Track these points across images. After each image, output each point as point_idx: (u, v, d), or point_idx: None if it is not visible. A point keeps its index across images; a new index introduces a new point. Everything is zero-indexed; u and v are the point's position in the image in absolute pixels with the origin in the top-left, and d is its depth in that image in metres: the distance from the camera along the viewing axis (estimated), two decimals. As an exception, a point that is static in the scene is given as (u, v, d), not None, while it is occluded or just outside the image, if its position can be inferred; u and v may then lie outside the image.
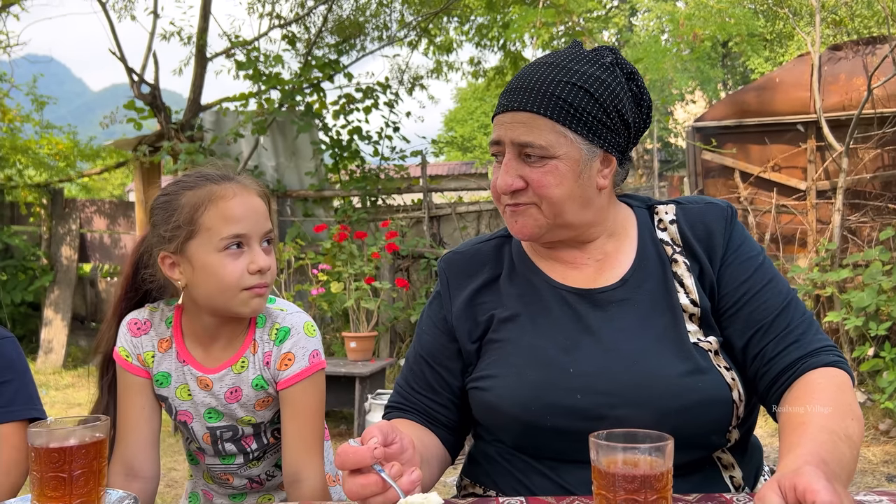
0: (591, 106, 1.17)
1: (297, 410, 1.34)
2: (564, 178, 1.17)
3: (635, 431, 0.86)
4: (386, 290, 6.34)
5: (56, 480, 0.99)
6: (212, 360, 1.38)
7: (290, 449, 1.34)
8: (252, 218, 1.29)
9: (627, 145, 1.26)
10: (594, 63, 1.21)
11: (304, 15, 9.14)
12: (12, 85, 9.02)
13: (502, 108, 1.22)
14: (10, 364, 1.41)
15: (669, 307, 1.20)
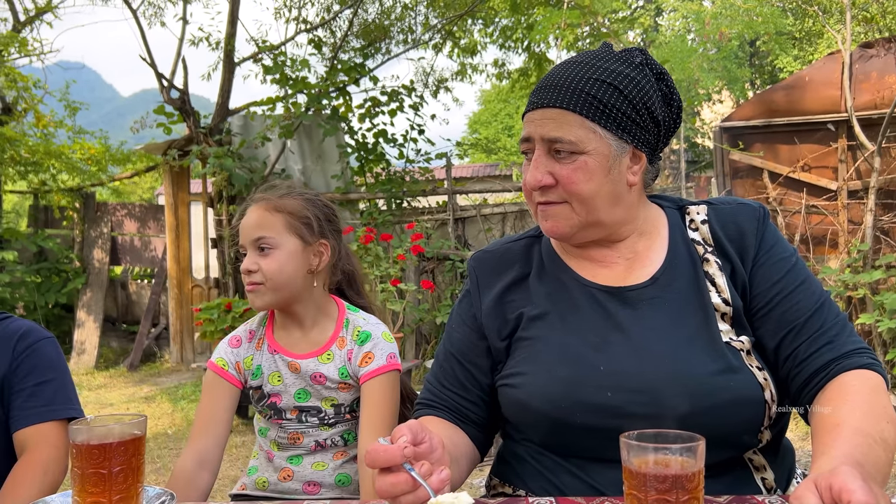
0: (621, 102, 1.18)
1: (373, 402, 1.53)
2: (594, 174, 1.18)
3: (666, 432, 0.86)
4: (411, 292, 6.36)
5: (96, 476, 1.01)
6: (301, 348, 1.61)
7: (364, 434, 1.52)
8: (246, 229, 1.57)
9: (657, 143, 1.26)
10: (624, 62, 1.22)
11: (331, 19, 9.22)
12: (46, 91, 9.22)
13: (532, 106, 1.23)
14: (50, 364, 1.44)
15: (701, 306, 1.19)
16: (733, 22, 8.94)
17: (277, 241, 1.55)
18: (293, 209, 1.58)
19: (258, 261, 1.54)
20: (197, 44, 8.25)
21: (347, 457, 1.63)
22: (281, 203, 1.58)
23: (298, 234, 1.57)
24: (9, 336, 1.43)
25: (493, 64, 11.62)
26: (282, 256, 1.55)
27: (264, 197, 1.60)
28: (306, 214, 1.59)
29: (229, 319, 5.46)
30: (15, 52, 8.90)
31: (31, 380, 1.40)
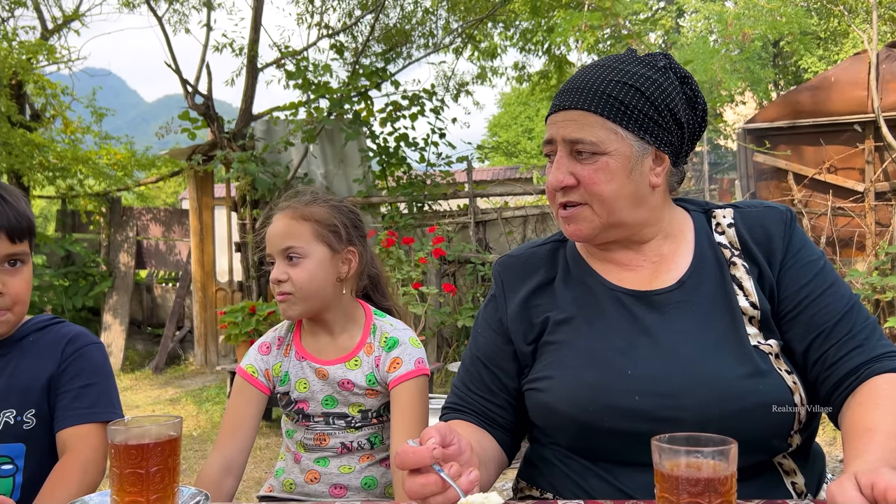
0: (642, 103, 1.19)
1: (402, 406, 1.53)
2: (615, 174, 1.19)
3: (698, 435, 0.86)
4: (433, 296, 6.37)
5: (134, 476, 1.03)
6: (328, 353, 1.61)
7: (395, 438, 1.52)
8: (274, 239, 1.56)
9: (682, 146, 1.26)
10: (647, 65, 1.23)
11: (352, 24, 9.28)
12: (73, 98, 9.38)
13: (554, 109, 1.24)
14: (96, 368, 1.47)
15: (728, 310, 1.19)
16: (756, 22, 8.86)
17: (306, 251, 1.54)
18: (320, 217, 1.56)
19: (287, 270, 1.53)
20: (221, 50, 8.35)
21: (374, 459, 1.63)
22: (308, 211, 1.56)
23: (327, 242, 1.56)
24: (59, 339, 1.47)
25: (513, 67, 11.61)
26: (311, 265, 1.54)
27: (290, 205, 1.58)
28: (334, 222, 1.58)
29: (253, 322, 5.51)
30: (43, 60, 9.05)
31: (76, 382, 1.43)
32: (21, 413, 1.40)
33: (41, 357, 1.44)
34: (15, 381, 1.41)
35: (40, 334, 1.48)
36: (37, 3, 9.93)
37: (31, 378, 1.42)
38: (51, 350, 1.45)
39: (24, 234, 1.37)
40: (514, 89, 21.73)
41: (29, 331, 1.48)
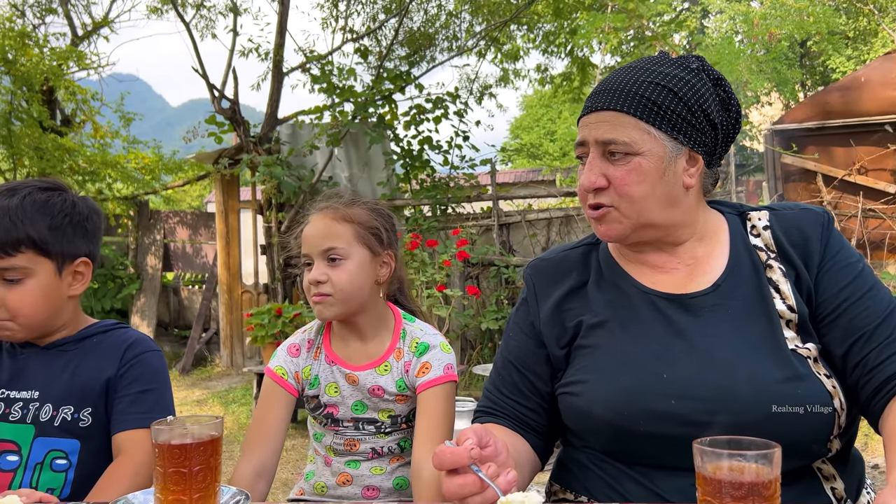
0: (675, 104, 1.19)
1: (428, 412, 1.50)
2: (647, 175, 1.18)
3: (740, 438, 0.86)
4: (457, 298, 6.38)
5: (177, 475, 1.05)
6: (357, 358, 1.59)
7: (418, 445, 1.48)
8: (313, 239, 1.53)
9: (715, 147, 1.26)
10: (679, 67, 1.23)
11: (376, 28, 9.33)
12: (102, 103, 9.54)
13: (586, 111, 1.24)
14: (154, 375, 1.51)
15: (765, 313, 1.18)
16: (783, 22, 8.76)
17: (347, 252, 1.52)
18: (362, 219, 1.54)
19: (327, 271, 1.51)
20: (247, 55, 8.45)
21: (403, 461, 1.63)
22: (349, 212, 1.54)
23: (367, 244, 1.54)
24: (119, 344, 1.51)
25: (535, 69, 11.60)
26: (352, 267, 1.52)
27: (331, 205, 1.56)
28: (375, 224, 1.56)
29: (279, 324, 5.56)
30: (73, 66, 9.22)
31: (135, 387, 1.46)
32: (78, 411, 1.44)
33: (102, 359, 1.48)
34: (75, 379, 1.45)
35: (103, 337, 1.53)
36: (67, 10, 10.12)
37: (90, 378, 1.46)
38: (111, 353, 1.49)
39: (12, 248, 1.37)
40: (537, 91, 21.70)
41: (93, 332, 1.53)
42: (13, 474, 1.40)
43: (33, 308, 1.41)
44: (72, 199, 1.49)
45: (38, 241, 1.40)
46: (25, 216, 1.39)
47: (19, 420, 1.42)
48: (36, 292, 1.41)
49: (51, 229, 1.42)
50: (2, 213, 1.37)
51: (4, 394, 1.44)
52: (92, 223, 1.51)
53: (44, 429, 1.42)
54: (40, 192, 1.44)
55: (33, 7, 10.14)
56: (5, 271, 1.38)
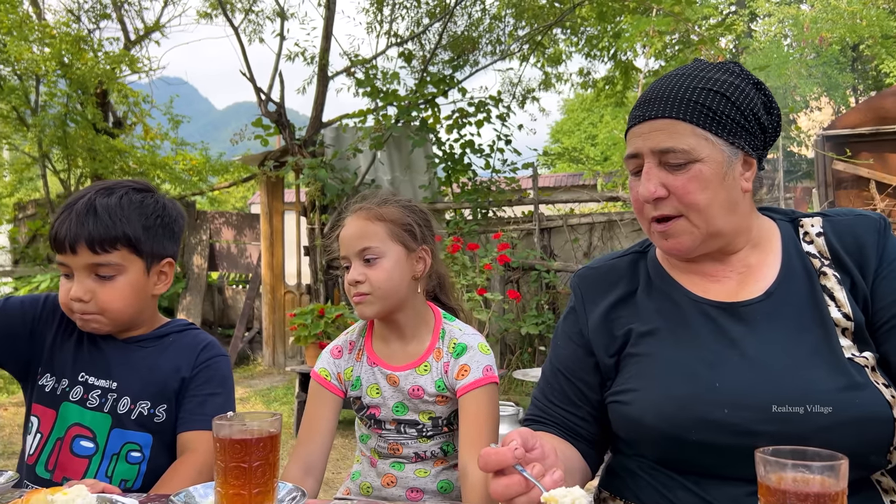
0: (729, 109, 1.18)
1: (470, 414, 1.50)
2: (709, 182, 1.17)
3: (804, 449, 0.85)
4: (497, 302, 6.37)
5: (238, 470, 1.08)
6: (398, 358, 1.61)
7: (463, 448, 1.49)
8: (349, 241, 1.56)
9: (764, 150, 1.25)
10: (724, 71, 1.23)
11: (420, 33, 9.39)
12: (153, 105, 9.79)
13: (637, 120, 1.22)
14: (223, 379, 1.56)
15: (819, 321, 1.16)
16: (835, 26, 8.57)
17: (382, 250, 1.54)
18: (394, 217, 1.57)
19: (364, 271, 1.53)
20: (293, 59, 8.58)
21: (448, 464, 1.64)
22: (381, 211, 1.57)
23: (402, 241, 1.56)
24: (195, 344, 1.57)
25: (577, 73, 11.53)
26: (388, 265, 1.54)
27: (363, 206, 1.59)
28: (408, 221, 1.58)
29: (322, 325, 5.63)
30: (126, 70, 9.48)
31: (205, 389, 1.51)
32: (154, 406, 1.49)
33: (178, 358, 1.53)
34: (153, 376, 1.50)
35: (178, 336, 1.58)
36: (120, 15, 10.43)
37: (167, 376, 1.51)
38: (187, 353, 1.54)
39: (109, 245, 1.42)
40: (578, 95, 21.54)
41: (169, 331, 1.58)
42: (88, 461, 1.45)
43: (122, 304, 1.46)
44: (162, 201, 1.54)
45: (132, 240, 1.45)
46: (123, 215, 1.44)
47: (97, 408, 1.47)
48: (126, 289, 1.46)
49: (144, 229, 1.47)
50: (101, 211, 1.43)
51: (84, 378, 1.50)
52: (178, 226, 1.57)
53: (120, 420, 1.47)
54: (135, 192, 1.50)
55: (88, 13, 10.47)
56: (99, 267, 1.43)
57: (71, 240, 1.41)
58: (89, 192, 1.48)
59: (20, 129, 9.46)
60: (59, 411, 1.48)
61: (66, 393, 1.49)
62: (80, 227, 1.41)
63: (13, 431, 5.63)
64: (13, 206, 11.44)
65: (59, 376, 1.50)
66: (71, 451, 1.46)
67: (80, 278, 1.44)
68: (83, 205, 1.44)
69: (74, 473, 1.45)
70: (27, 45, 8.34)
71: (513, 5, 9.27)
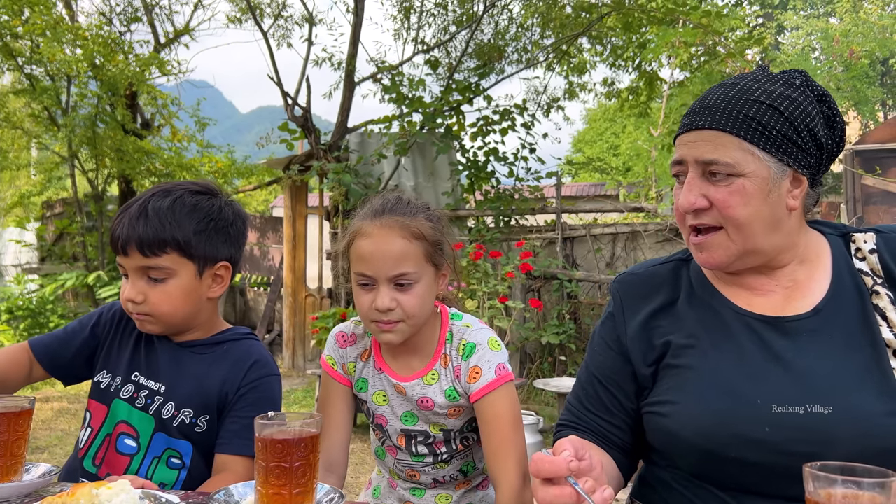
0: (781, 124, 1.15)
1: (489, 421, 1.39)
2: (751, 197, 1.14)
3: (853, 465, 0.84)
4: (518, 310, 6.36)
5: (279, 470, 1.09)
6: (405, 370, 1.48)
7: (487, 458, 1.40)
8: (380, 261, 1.34)
9: (819, 166, 1.21)
10: (783, 83, 1.19)
11: (447, 40, 9.43)
12: (181, 108, 9.92)
13: (685, 128, 1.21)
14: (271, 402, 1.51)
15: (870, 341, 1.13)
16: (865, 39, 8.49)
17: (419, 275, 1.37)
18: (429, 234, 1.39)
19: (397, 297, 1.35)
20: (320, 64, 8.65)
21: (471, 486, 1.57)
22: (419, 227, 1.37)
23: (434, 261, 1.40)
24: (247, 357, 1.51)
25: (602, 83, 11.51)
26: (422, 290, 1.37)
27: (398, 219, 1.37)
28: (440, 238, 1.41)
29: (340, 327, 5.66)
30: (156, 72, 9.62)
31: (250, 411, 1.44)
32: (197, 416, 1.47)
33: (226, 370, 1.50)
34: (200, 385, 1.49)
35: (233, 345, 1.55)
36: (151, 18, 10.58)
37: (213, 387, 1.48)
38: (237, 366, 1.50)
39: (158, 248, 1.42)
40: (601, 105, 21.47)
41: (225, 339, 1.56)
42: (130, 460, 1.46)
43: (172, 307, 1.46)
44: (220, 203, 1.52)
45: (182, 244, 1.44)
46: (173, 218, 1.44)
47: (143, 408, 1.48)
48: (177, 292, 1.45)
49: (196, 233, 1.45)
50: (152, 214, 1.43)
51: (136, 378, 1.51)
52: (235, 228, 1.54)
53: (164, 425, 1.47)
54: (191, 195, 1.49)
55: (120, 16, 10.64)
56: (150, 270, 1.44)
57: (123, 242, 1.43)
58: (147, 194, 1.48)
59: (51, 129, 9.62)
60: (110, 408, 1.50)
61: (118, 390, 1.50)
62: (131, 229, 1.42)
63: (36, 426, 5.71)
64: (41, 205, 11.63)
65: (114, 374, 1.52)
66: (116, 448, 1.47)
67: (133, 280, 1.45)
68: (137, 208, 1.44)
69: (117, 471, 1.46)
70: (59, 46, 8.49)
71: (539, 14, 9.28)
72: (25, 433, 1.26)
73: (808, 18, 12.55)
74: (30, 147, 11.05)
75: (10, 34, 8.65)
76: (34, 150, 11.57)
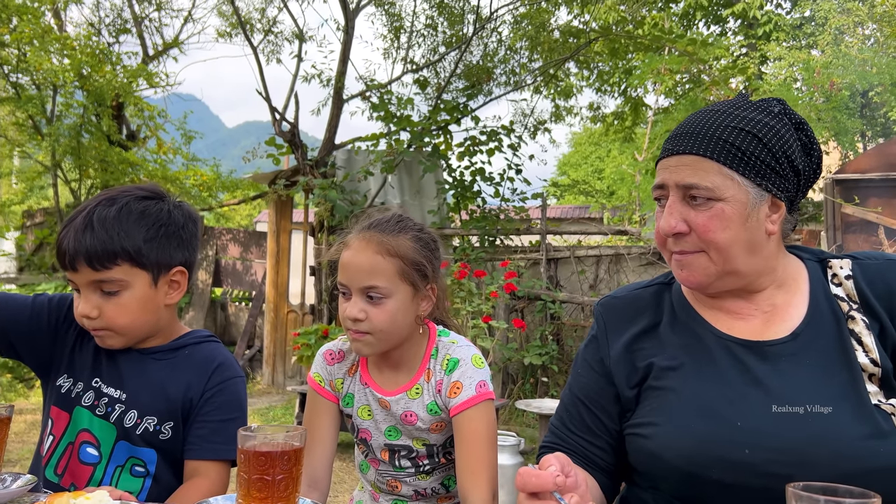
0: (760, 150, 1.17)
1: (465, 436, 1.40)
2: (731, 221, 1.16)
3: (836, 486, 0.84)
4: (501, 330, 6.36)
5: (261, 482, 1.07)
6: (390, 384, 1.50)
7: (459, 472, 1.41)
8: (355, 272, 1.40)
9: (797, 193, 1.23)
10: (762, 111, 1.21)
11: (436, 61, 9.51)
12: (167, 120, 9.89)
13: (667, 153, 1.23)
14: (237, 404, 1.49)
15: (846, 365, 1.15)
16: (846, 72, 8.66)
17: (390, 290, 1.40)
18: (407, 253, 1.42)
19: (366, 308, 1.39)
20: (309, 80, 8.68)
21: (453, 501, 1.57)
22: (395, 245, 1.41)
23: (411, 281, 1.42)
24: (209, 361, 1.50)
25: (588, 107, 11.64)
26: (393, 306, 1.40)
27: (377, 235, 1.42)
28: (420, 260, 1.43)
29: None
30: (143, 84, 9.59)
31: (217, 415, 1.44)
32: (161, 423, 1.45)
33: (189, 374, 1.47)
34: (162, 392, 1.46)
35: (195, 349, 1.52)
36: (140, 30, 10.58)
37: (177, 393, 1.46)
38: (199, 371, 1.48)
39: (108, 261, 1.37)
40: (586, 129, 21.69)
41: (186, 343, 1.53)
42: (93, 469, 1.43)
43: (130, 319, 1.41)
44: (168, 207, 1.47)
45: (133, 254, 1.39)
46: (121, 228, 1.38)
47: (104, 416, 1.44)
48: (132, 304, 1.41)
49: (146, 241, 1.40)
50: (98, 225, 1.37)
51: (98, 384, 1.47)
52: (188, 231, 1.50)
53: (126, 434, 1.44)
54: (137, 201, 1.43)
55: (109, 27, 10.63)
56: (102, 283, 1.38)
57: (70, 257, 1.36)
58: (91, 203, 1.42)
59: (34, 138, 9.54)
60: (72, 415, 1.46)
61: (79, 396, 1.46)
62: (77, 243, 1.36)
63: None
64: (22, 214, 11.49)
65: (76, 379, 1.48)
66: (79, 457, 1.44)
67: (85, 294, 1.39)
68: (82, 219, 1.38)
69: (80, 480, 1.43)
70: (47, 55, 8.44)
71: (528, 38, 9.39)
72: (3, 442, 1.24)
73: (791, 50, 12.80)
74: (12, 155, 10.94)
75: (-3, 42, 8.60)
76: (16, 159, 11.45)
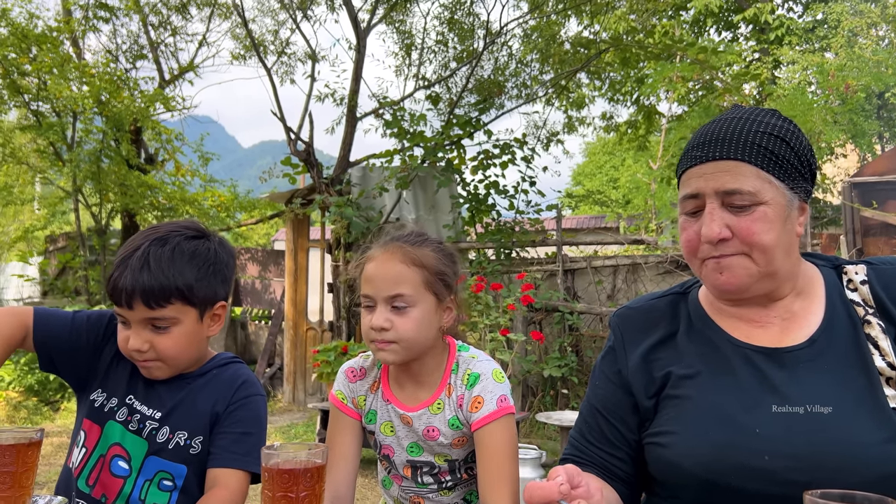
0: (789, 154, 1.19)
1: (486, 451, 1.41)
2: (773, 223, 1.17)
3: (853, 493, 0.85)
4: (520, 343, 6.35)
5: (285, 500, 1.09)
6: (411, 400, 1.51)
7: (481, 487, 1.42)
8: (379, 282, 1.43)
9: (810, 195, 1.26)
10: (777, 116, 1.24)
11: (448, 76, 9.58)
12: (184, 143, 10.03)
13: (697, 160, 1.22)
14: (257, 419, 1.55)
15: (864, 370, 1.15)
16: (860, 74, 8.61)
17: (415, 299, 1.43)
18: (431, 264, 1.45)
19: (392, 318, 1.42)
20: (323, 100, 8.78)
21: None
22: (419, 255, 1.45)
23: (435, 291, 1.45)
24: (234, 379, 1.57)
25: (601, 117, 11.65)
26: (418, 315, 1.43)
27: (401, 246, 1.46)
28: (443, 270, 1.47)
29: (345, 362, 5.65)
30: (160, 108, 9.75)
31: (238, 427, 1.51)
32: (191, 438, 1.51)
33: (216, 392, 1.54)
34: (192, 407, 1.52)
35: (221, 370, 1.59)
36: (156, 55, 10.76)
37: (205, 408, 1.52)
38: (225, 388, 1.55)
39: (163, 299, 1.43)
40: (600, 139, 21.69)
41: (213, 367, 1.60)
42: (123, 482, 1.48)
43: (178, 351, 1.48)
44: (214, 246, 1.54)
45: (185, 293, 1.45)
46: (175, 268, 1.44)
47: (136, 432, 1.50)
48: (181, 338, 1.47)
49: (196, 280, 1.46)
50: (155, 265, 1.43)
51: (131, 401, 1.53)
52: (229, 269, 1.56)
53: (157, 449, 1.49)
54: (188, 241, 1.50)
55: (126, 53, 10.82)
56: (155, 320, 1.45)
57: (128, 295, 1.42)
58: (144, 242, 1.47)
59: (56, 164, 9.72)
60: (103, 429, 1.51)
61: (112, 412, 1.52)
62: (135, 282, 1.41)
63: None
64: (44, 239, 11.69)
65: (110, 394, 1.54)
66: (110, 469, 1.49)
67: (136, 330, 1.46)
68: (138, 259, 1.43)
69: (111, 492, 1.48)
70: (66, 83, 8.62)
71: (538, 50, 9.44)
72: (34, 465, 1.27)
73: (804, 53, 12.75)
74: (34, 182, 11.14)
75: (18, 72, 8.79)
76: (38, 185, 11.66)
